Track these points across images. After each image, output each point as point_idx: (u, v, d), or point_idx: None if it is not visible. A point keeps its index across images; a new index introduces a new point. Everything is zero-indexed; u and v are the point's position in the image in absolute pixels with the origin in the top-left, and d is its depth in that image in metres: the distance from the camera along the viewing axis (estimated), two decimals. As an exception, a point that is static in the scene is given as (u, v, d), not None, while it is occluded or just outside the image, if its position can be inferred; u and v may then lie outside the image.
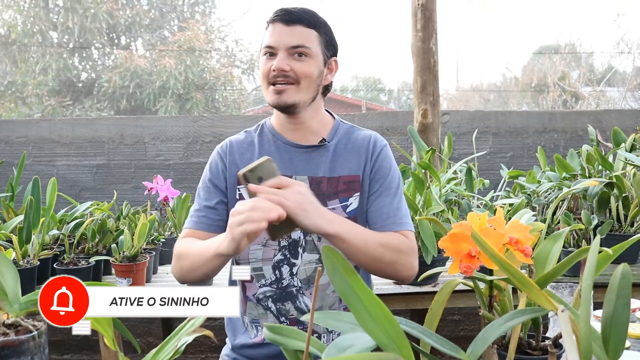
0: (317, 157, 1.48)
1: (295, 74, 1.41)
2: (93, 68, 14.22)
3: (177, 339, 0.67)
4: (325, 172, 1.47)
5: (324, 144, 1.49)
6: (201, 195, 1.52)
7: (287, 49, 1.40)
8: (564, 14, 32.08)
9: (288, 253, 1.47)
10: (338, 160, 1.49)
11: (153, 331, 3.72)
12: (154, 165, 4.43)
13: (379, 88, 20.10)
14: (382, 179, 1.48)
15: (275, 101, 1.42)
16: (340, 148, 1.50)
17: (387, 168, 1.50)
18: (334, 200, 1.46)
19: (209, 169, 1.54)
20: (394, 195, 1.47)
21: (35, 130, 4.43)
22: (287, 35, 1.41)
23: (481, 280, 0.81)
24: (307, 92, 1.44)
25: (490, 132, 4.49)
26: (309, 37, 1.44)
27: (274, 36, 1.41)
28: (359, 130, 1.55)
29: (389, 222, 1.44)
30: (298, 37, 1.42)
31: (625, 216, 2.38)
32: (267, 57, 1.42)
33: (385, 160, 1.50)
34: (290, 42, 1.41)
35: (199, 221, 1.49)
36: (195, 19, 14.59)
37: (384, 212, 1.45)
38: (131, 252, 2.20)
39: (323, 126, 1.52)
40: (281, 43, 1.40)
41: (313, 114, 1.50)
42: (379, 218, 1.45)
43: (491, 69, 41.88)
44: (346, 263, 0.61)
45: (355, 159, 1.49)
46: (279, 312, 1.48)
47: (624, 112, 5.06)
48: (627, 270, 0.62)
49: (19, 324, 0.77)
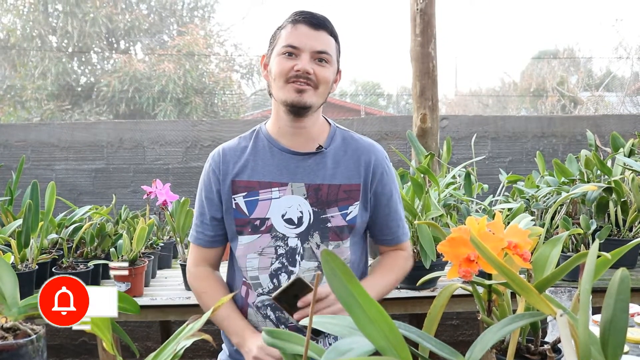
0: (314, 164, 1.48)
1: (317, 78, 1.41)
2: (92, 72, 14.22)
3: (176, 342, 0.67)
4: (324, 179, 1.47)
5: (321, 151, 1.49)
6: (197, 209, 1.57)
7: (312, 53, 1.41)
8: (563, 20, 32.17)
9: (286, 261, 1.47)
10: (338, 168, 1.49)
11: (151, 335, 3.71)
12: (152, 170, 4.42)
13: (378, 93, 20.12)
14: (388, 195, 1.53)
15: (295, 99, 1.41)
16: (340, 155, 1.50)
17: (391, 180, 1.55)
18: (333, 208, 1.47)
19: (202, 182, 1.56)
20: (396, 209, 1.57)
21: (34, 134, 4.43)
22: (313, 39, 1.41)
23: (480, 285, 0.81)
24: (321, 97, 1.46)
25: (489, 136, 4.49)
26: (331, 44, 1.45)
27: (299, 37, 1.41)
28: (357, 138, 1.56)
29: (399, 233, 1.58)
30: (323, 43, 1.43)
31: (624, 221, 2.38)
32: (286, 56, 1.42)
33: (389, 176, 1.55)
34: (316, 47, 1.41)
35: (197, 237, 1.57)
36: (195, 24, 14.60)
37: (392, 225, 1.56)
38: (130, 256, 2.19)
39: (320, 132, 1.52)
40: (307, 45, 1.41)
41: (315, 120, 1.50)
42: (388, 231, 1.56)
43: (490, 73, 42.04)
44: (345, 268, 0.61)
45: (356, 169, 1.50)
46: (278, 320, 1.48)
47: (622, 117, 5.06)
48: (625, 274, 0.62)
49: (18, 328, 0.77)
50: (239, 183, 1.49)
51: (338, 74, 1.51)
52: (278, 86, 1.43)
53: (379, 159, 1.52)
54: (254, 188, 1.48)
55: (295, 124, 1.47)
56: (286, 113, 1.46)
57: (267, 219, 1.46)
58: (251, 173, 1.49)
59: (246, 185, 1.48)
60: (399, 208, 1.58)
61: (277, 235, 1.46)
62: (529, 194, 2.54)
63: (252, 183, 1.48)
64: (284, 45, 1.42)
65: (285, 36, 1.43)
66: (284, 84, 1.41)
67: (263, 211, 1.46)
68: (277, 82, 1.43)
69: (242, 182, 1.48)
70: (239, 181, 1.49)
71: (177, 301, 2.20)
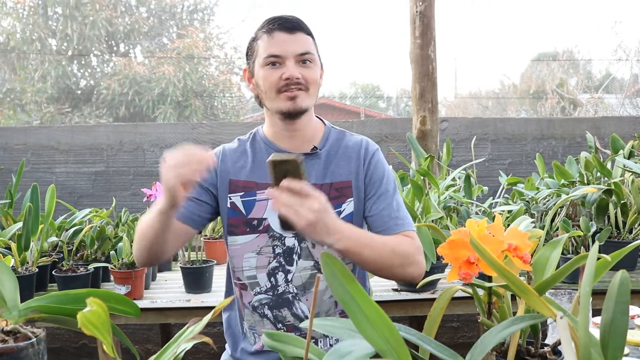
0: (309, 165, 1.48)
1: (305, 80, 1.41)
2: (92, 75, 14.22)
3: (176, 345, 0.66)
4: (316, 179, 1.47)
5: (315, 152, 1.50)
6: None
7: (296, 57, 1.40)
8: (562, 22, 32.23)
9: (283, 260, 1.47)
10: (329, 167, 1.49)
11: (152, 338, 3.71)
12: (152, 172, 4.42)
13: (378, 95, 20.12)
14: (378, 182, 1.48)
15: (291, 107, 1.41)
16: (332, 154, 1.50)
17: (381, 172, 1.50)
18: None
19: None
20: (392, 197, 1.48)
21: (34, 137, 4.43)
22: (292, 44, 1.41)
23: (480, 287, 0.81)
24: (313, 97, 1.46)
25: (489, 139, 4.49)
26: (310, 43, 1.45)
27: (279, 45, 1.40)
28: (349, 136, 1.55)
29: (391, 224, 1.44)
30: (303, 44, 1.42)
31: (624, 223, 2.38)
32: (270, 66, 1.41)
33: (379, 164, 1.50)
34: (298, 50, 1.41)
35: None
36: (194, 27, 14.60)
37: (384, 214, 1.45)
38: (130, 259, 2.19)
39: (315, 133, 1.52)
40: (289, 51, 1.40)
41: (308, 120, 1.50)
42: (380, 221, 1.45)
43: (489, 76, 42.07)
44: (345, 270, 0.61)
45: (346, 165, 1.49)
46: (275, 319, 1.48)
47: (622, 119, 5.06)
48: (625, 277, 0.62)
49: (18, 331, 0.77)
50: (237, 182, 1.49)
51: (321, 68, 1.51)
52: (270, 98, 1.43)
53: (369, 151, 1.50)
54: (251, 188, 1.48)
55: (290, 128, 1.48)
56: (281, 119, 1.46)
57: (264, 219, 1.47)
58: (249, 173, 1.49)
59: (244, 185, 1.49)
60: (395, 201, 1.48)
61: (274, 235, 1.46)
62: (529, 196, 2.54)
63: (250, 183, 1.49)
64: (266, 56, 1.41)
65: (264, 47, 1.42)
66: (275, 95, 1.41)
67: (260, 211, 1.47)
68: (269, 94, 1.43)
69: (240, 182, 1.49)
70: (237, 181, 1.49)
71: (178, 304, 2.20)
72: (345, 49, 32.19)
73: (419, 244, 1.44)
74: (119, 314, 0.81)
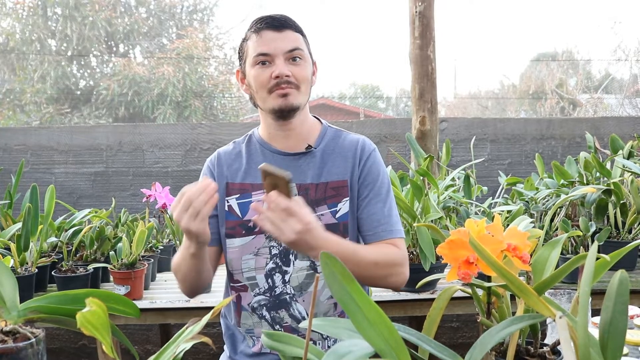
0: (305, 164, 1.48)
1: (296, 78, 1.41)
2: (91, 76, 14.23)
3: (176, 346, 0.66)
4: (312, 178, 1.47)
5: (310, 150, 1.49)
6: None
7: (284, 54, 1.40)
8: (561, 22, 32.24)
9: (279, 261, 1.47)
10: (325, 166, 1.48)
11: (151, 338, 3.71)
12: (152, 173, 4.42)
13: (377, 95, 20.12)
14: (371, 184, 1.47)
15: (282, 104, 1.40)
16: (328, 153, 1.50)
17: (376, 173, 1.49)
18: (322, 206, 1.46)
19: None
20: (384, 202, 1.47)
21: (33, 137, 4.43)
22: (280, 41, 1.41)
23: (479, 287, 0.81)
24: (305, 95, 1.46)
25: (488, 139, 4.49)
26: (299, 40, 1.45)
27: (267, 43, 1.40)
28: (346, 135, 1.54)
29: (380, 229, 1.44)
30: (291, 41, 1.42)
31: (623, 223, 2.38)
32: (259, 65, 1.41)
33: (374, 165, 1.49)
34: (286, 47, 1.41)
35: None
36: (194, 27, 14.62)
37: (374, 219, 1.45)
38: (129, 260, 2.19)
39: (311, 132, 1.52)
40: (277, 49, 1.40)
41: (303, 119, 1.49)
42: (370, 225, 1.45)
43: (489, 76, 42.06)
44: (344, 270, 0.61)
45: (343, 164, 1.48)
46: (273, 320, 1.48)
47: (621, 119, 5.07)
48: (624, 276, 0.62)
49: (17, 331, 0.76)
50: (233, 185, 1.50)
51: (314, 65, 1.51)
52: (262, 97, 1.44)
53: (365, 151, 1.50)
54: (247, 190, 1.49)
55: (284, 127, 1.47)
56: (274, 119, 1.46)
57: None
58: (244, 175, 1.50)
59: (239, 188, 1.49)
60: (387, 205, 1.46)
61: (270, 235, 1.46)
62: (528, 196, 2.54)
63: (245, 185, 1.49)
64: (255, 55, 1.41)
65: (253, 46, 1.42)
66: (267, 94, 1.41)
67: (256, 213, 1.47)
68: (260, 94, 1.43)
69: (236, 185, 1.50)
70: (233, 184, 1.50)
71: (177, 304, 2.20)
72: (345, 49, 32.23)
73: (405, 254, 1.44)
74: (118, 315, 0.80)
